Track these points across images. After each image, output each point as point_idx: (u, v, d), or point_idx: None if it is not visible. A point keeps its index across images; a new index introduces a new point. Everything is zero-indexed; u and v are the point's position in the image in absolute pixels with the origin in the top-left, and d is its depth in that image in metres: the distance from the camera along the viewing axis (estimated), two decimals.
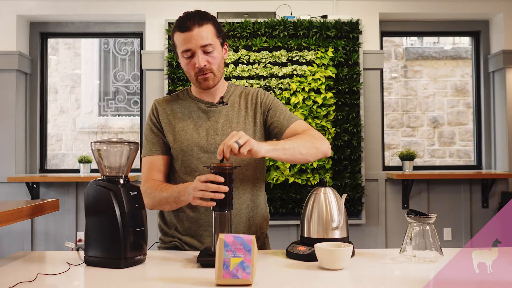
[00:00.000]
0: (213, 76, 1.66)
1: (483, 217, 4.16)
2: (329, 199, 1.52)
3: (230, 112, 1.72)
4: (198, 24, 1.62)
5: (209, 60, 1.64)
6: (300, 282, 1.25)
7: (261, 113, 1.74)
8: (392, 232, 4.14)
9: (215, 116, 1.71)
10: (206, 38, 1.62)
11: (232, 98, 1.75)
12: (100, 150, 1.42)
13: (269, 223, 1.84)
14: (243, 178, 1.69)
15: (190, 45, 1.62)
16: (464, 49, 5.86)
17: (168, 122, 1.72)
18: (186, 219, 1.69)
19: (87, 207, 1.42)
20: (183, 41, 1.63)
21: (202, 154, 1.66)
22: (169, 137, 1.71)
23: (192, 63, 1.64)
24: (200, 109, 1.72)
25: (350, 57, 3.94)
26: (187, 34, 1.62)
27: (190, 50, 1.62)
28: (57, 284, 1.26)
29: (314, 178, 3.84)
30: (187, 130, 1.69)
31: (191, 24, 1.61)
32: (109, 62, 5.82)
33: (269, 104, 1.75)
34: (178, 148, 1.68)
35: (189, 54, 1.63)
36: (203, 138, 1.67)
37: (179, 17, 1.67)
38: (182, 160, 1.68)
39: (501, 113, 4.24)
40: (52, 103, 5.76)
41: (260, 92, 1.78)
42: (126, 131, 5.84)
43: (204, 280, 1.23)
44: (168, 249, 1.74)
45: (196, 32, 1.61)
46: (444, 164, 5.69)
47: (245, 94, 1.77)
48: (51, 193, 4.10)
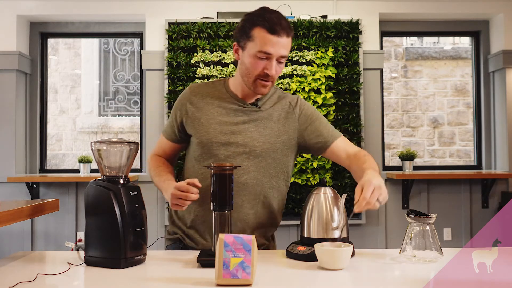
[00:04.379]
0: (271, 85, 1.64)
1: (483, 217, 4.16)
2: (329, 199, 1.52)
3: (260, 116, 1.68)
4: (287, 33, 1.58)
5: (278, 71, 1.61)
6: (300, 282, 1.25)
7: (297, 124, 1.70)
8: (392, 232, 4.14)
9: (243, 116, 1.67)
10: (287, 49, 1.60)
11: (268, 102, 1.71)
12: (100, 150, 1.42)
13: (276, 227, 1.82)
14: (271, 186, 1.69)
15: (273, 50, 1.56)
16: (464, 49, 5.86)
17: (195, 112, 1.69)
18: (193, 212, 1.68)
19: (87, 207, 1.42)
20: (268, 42, 1.56)
21: (222, 150, 1.63)
22: (193, 125, 1.68)
23: (262, 65, 1.59)
24: (231, 106, 1.68)
25: (350, 57, 3.94)
26: (275, 38, 1.56)
27: (269, 54, 1.57)
28: (57, 284, 1.26)
29: (314, 178, 3.84)
30: (211, 124, 1.66)
31: (282, 31, 1.57)
32: (109, 62, 5.82)
33: (310, 116, 1.71)
34: (199, 140, 1.66)
35: (264, 57, 1.58)
36: (226, 136, 1.64)
37: (265, 12, 1.60)
38: (201, 151, 1.66)
39: (501, 113, 4.24)
40: (52, 103, 5.76)
41: (300, 102, 1.73)
42: (126, 131, 5.85)
43: (204, 280, 1.23)
44: (171, 242, 1.75)
45: (284, 41, 1.58)
46: (444, 164, 5.70)
47: (282, 100, 1.73)
48: (51, 193, 4.10)
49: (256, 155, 1.64)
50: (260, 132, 1.65)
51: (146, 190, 3.92)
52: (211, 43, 3.89)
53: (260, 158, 1.64)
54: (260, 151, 1.64)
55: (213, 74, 3.85)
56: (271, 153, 1.65)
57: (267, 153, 1.65)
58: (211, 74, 3.85)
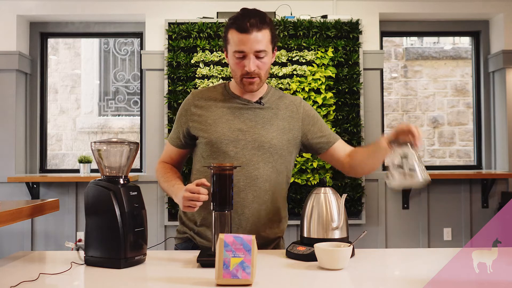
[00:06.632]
0: (259, 81, 1.66)
1: (483, 217, 4.16)
2: (329, 199, 1.52)
3: (266, 114, 1.71)
4: (257, 28, 1.59)
5: (259, 66, 1.63)
6: (300, 282, 1.25)
7: (300, 124, 1.74)
8: (392, 232, 4.14)
9: (249, 114, 1.70)
10: (262, 43, 1.61)
11: (271, 100, 1.74)
12: (100, 150, 1.42)
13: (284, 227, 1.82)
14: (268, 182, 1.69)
15: (245, 47, 1.60)
16: (464, 49, 5.86)
17: (201, 114, 1.71)
18: (204, 209, 1.68)
19: (87, 207, 1.42)
20: (238, 41, 1.60)
21: (231, 147, 1.65)
22: (200, 127, 1.70)
23: (241, 64, 1.63)
24: (235, 106, 1.71)
25: (350, 57, 3.94)
26: (245, 36, 1.59)
27: (243, 52, 1.61)
28: (59, 283, 1.26)
29: (314, 178, 3.84)
30: (219, 123, 1.68)
31: (251, 27, 1.59)
32: (109, 62, 5.82)
33: (313, 118, 1.76)
34: (208, 139, 1.68)
35: (241, 55, 1.62)
36: (234, 133, 1.66)
37: (237, 14, 1.64)
38: (210, 150, 1.68)
39: (501, 113, 4.24)
40: (52, 103, 5.76)
41: (303, 103, 1.78)
42: (126, 131, 5.85)
43: (204, 280, 1.23)
44: (182, 241, 1.77)
45: (254, 36, 1.59)
46: (444, 164, 5.70)
47: (284, 99, 1.77)
48: (51, 193, 4.10)
49: (264, 151, 1.66)
50: (267, 128, 1.68)
51: (146, 190, 3.93)
52: (211, 43, 3.89)
53: (268, 154, 1.67)
54: (268, 147, 1.67)
55: (213, 74, 3.85)
56: (278, 150, 1.68)
57: (275, 149, 1.68)
58: (211, 74, 3.85)
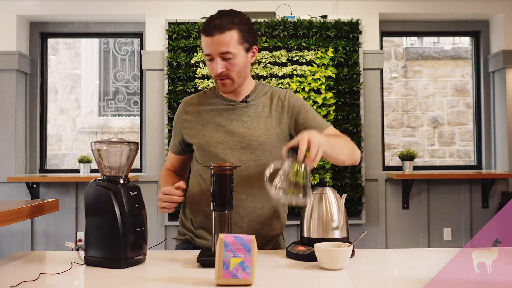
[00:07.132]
0: (231, 83, 1.66)
1: (483, 217, 4.16)
2: (329, 199, 1.52)
3: (252, 111, 1.71)
4: (220, 30, 1.59)
5: (228, 67, 1.63)
6: (300, 282, 1.25)
7: (287, 116, 1.72)
8: (392, 232, 4.14)
9: (236, 114, 1.71)
10: (226, 45, 1.60)
11: (258, 98, 1.75)
12: (100, 150, 1.42)
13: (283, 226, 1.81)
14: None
15: (210, 50, 1.62)
16: (464, 49, 5.87)
17: (191, 120, 1.75)
18: (201, 212, 1.71)
19: (87, 207, 1.42)
20: (204, 44, 1.63)
21: (220, 149, 1.67)
22: (191, 133, 1.74)
23: (212, 67, 1.66)
24: (222, 108, 1.73)
25: (350, 57, 3.94)
26: (209, 39, 1.60)
27: (209, 55, 1.63)
28: (59, 283, 1.26)
29: (314, 178, 3.84)
30: (207, 127, 1.71)
31: (214, 29, 1.59)
32: (109, 62, 5.83)
33: (299, 107, 1.73)
34: (198, 143, 1.71)
35: (209, 58, 1.64)
36: (222, 135, 1.68)
37: (208, 17, 1.65)
38: (202, 153, 1.71)
39: (501, 113, 4.24)
40: (52, 103, 5.76)
41: (288, 94, 1.76)
42: (126, 131, 5.85)
43: (204, 280, 1.23)
44: (182, 242, 1.77)
45: (217, 38, 1.59)
46: (444, 164, 5.70)
47: (271, 94, 1.76)
48: (51, 193, 4.10)
49: (253, 149, 1.67)
50: (254, 126, 1.69)
51: (146, 190, 3.92)
52: None
53: (258, 152, 1.67)
54: (256, 145, 1.67)
55: None
56: (267, 146, 1.68)
57: (264, 146, 1.68)
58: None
